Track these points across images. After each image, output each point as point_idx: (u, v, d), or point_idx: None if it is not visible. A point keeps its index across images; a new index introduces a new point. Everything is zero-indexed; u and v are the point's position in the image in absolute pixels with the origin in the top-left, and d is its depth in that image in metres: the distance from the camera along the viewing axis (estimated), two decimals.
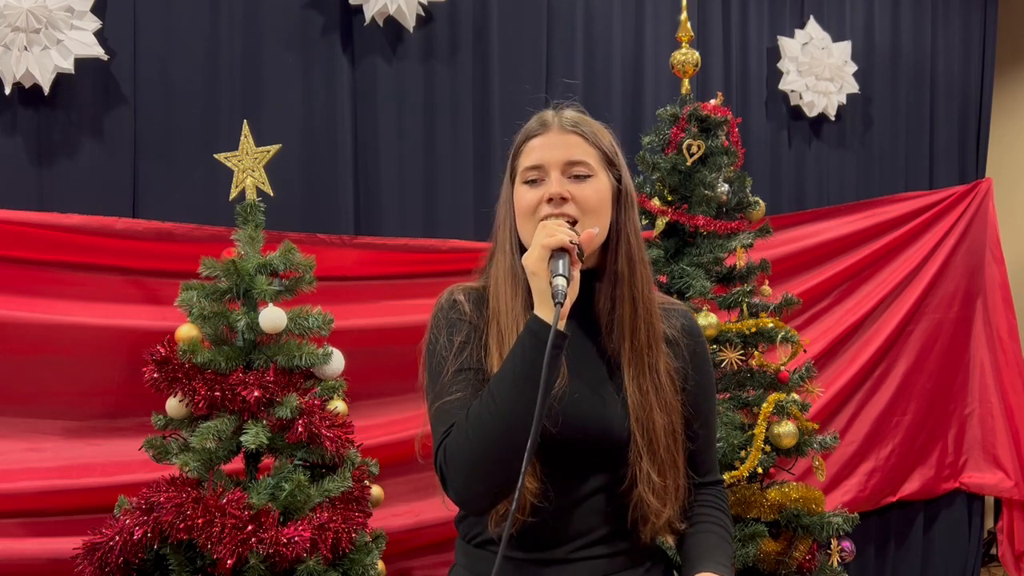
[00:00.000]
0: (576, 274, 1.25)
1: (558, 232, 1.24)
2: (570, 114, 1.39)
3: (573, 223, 1.31)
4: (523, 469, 1.15)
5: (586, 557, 1.34)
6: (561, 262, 1.22)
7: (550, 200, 1.31)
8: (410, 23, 2.84)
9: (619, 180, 1.38)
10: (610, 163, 1.38)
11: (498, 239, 1.42)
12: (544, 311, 1.22)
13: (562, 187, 1.31)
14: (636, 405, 1.32)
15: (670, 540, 1.39)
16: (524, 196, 1.34)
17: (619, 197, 1.38)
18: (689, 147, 2.67)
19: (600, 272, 1.38)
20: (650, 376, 1.34)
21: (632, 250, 1.37)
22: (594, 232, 1.30)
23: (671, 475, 1.34)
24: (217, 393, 2.06)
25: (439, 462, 1.28)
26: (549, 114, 1.39)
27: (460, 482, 1.26)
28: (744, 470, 2.48)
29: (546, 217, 1.30)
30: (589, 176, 1.34)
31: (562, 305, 1.19)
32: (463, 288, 1.42)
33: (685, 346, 1.42)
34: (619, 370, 1.35)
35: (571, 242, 1.23)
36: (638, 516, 1.34)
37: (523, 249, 1.34)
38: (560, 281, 1.20)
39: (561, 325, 1.21)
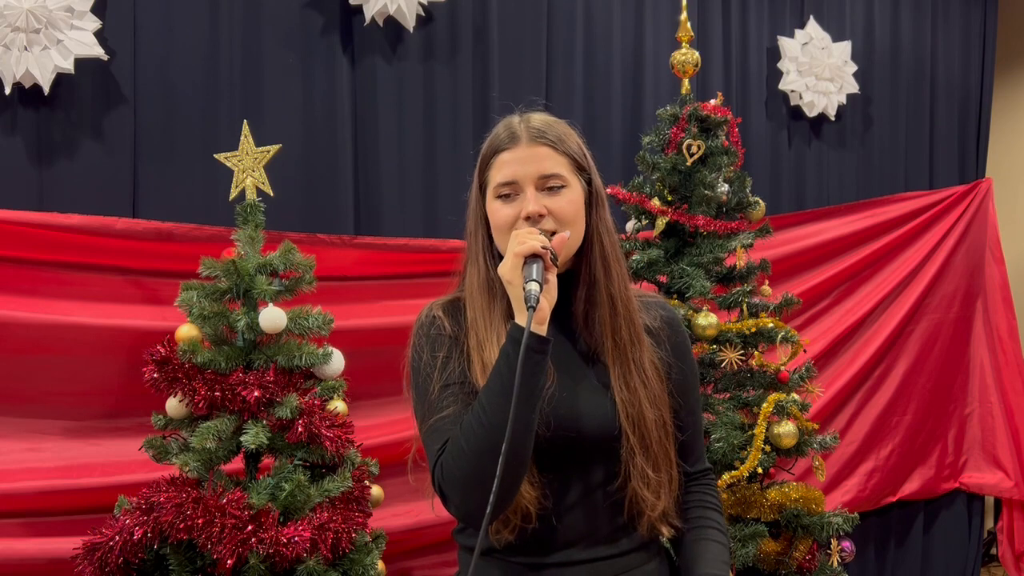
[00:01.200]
0: (552, 278, 1.26)
1: (529, 239, 1.25)
2: (537, 122, 1.38)
3: (552, 235, 1.31)
4: (498, 474, 1.14)
5: (589, 559, 1.34)
6: (535, 267, 1.23)
7: (528, 218, 1.31)
8: (410, 23, 2.84)
9: (589, 183, 1.39)
10: (580, 168, 1.38)
11: (470, 250, 1.42)
12: (523, 319, 1.23)
13: (538, 204, 1.32)
14: (625, 402, 1.33)
15: (666, 532, 1.39)
16: (500, 212, 1.35)
17: (590, 199, 1.38)
18: (689, 147, 2.67)
19: (575, 275, 1.38)
20: (636, 372, 1.35)
21: (606, 250, 1.38)
22: (565, 236, 1.30)
23: (664, 468, 1.35)
24: (217, 393, 2.06)
25: (436, 480, 1.28)
26: (515, 122, 1.39)
27: (459, 497, 1.26)
28: (744, 470, 2.48)
29: None
30: (563, 187, 1.34)
31: (535, 309, 1.19)
32: (441, 303, 1.42)
33: (667, 337, 1.43)
34: (603, 368, 1.36)
35: (543, 247, 1.24)
36: (634, 511, 1.34)
37: (501, 257, 1.35)
38: (532, 286, 1.21)
39: (543, 330, 1.21)
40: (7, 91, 2.37)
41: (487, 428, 1.21)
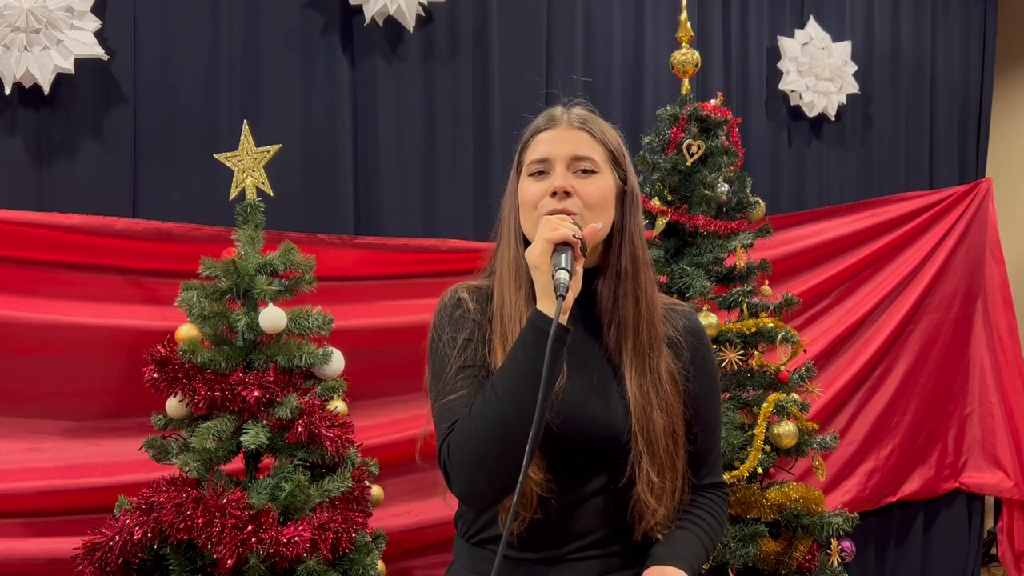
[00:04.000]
0: (579, 269, 1.25)
1: (561, 226, 1.24)
2: (579, 111, 1.40)
3: (573, 217, 1.30)
4: (525, 463, 1.14)
5: (586, 557, 1.34)
6: (564, 256, 1.22)
7: (554, 194, 1.31)
8: (410, 23, 2.84)
9: (624, 180, 1.39)
10: (616, 162, 1.38)
11: (503, 232, 1.41)
12: (546, 305, 1.22)
13: (566, 181, 1.31)
14: (637, 405, 1.32)
15: (660, 538, 1.38)
16: (528, 189, 1.35)
17: (624, 197, 1.38)
18: (689, 147, 2.67)
19: (602, 270, 1.38)
20: (651, 377, 1.34)
21: (636, 250, 1.38)
22: (598, 227, 1.30)
23: (669, 476, 1.33)
24: (217, 393, 2.06)
25: (443, 459, 1.28)
26: (558, 110, 1.40)
27: (464, 479, 1.26)
28: (744, 470, 2.48)
29: (550, 212, 1.30)
30: (594, 172, 1.34)
31: (563, 298, 1.18)
32: (467, 286, 1.42)
33: (688, 347, 1.41)
34: (619, 368, 1.35)
35: (574, 236, 1.23)
36: (635, 516, 1.34)
37: (527, 243, 1.34)
38: (562, 275, 1.20)
39: (564, 319, 1.20)
40: (7, 91, 2.37)
41: (498, 412, 1.21)
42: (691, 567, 1.31)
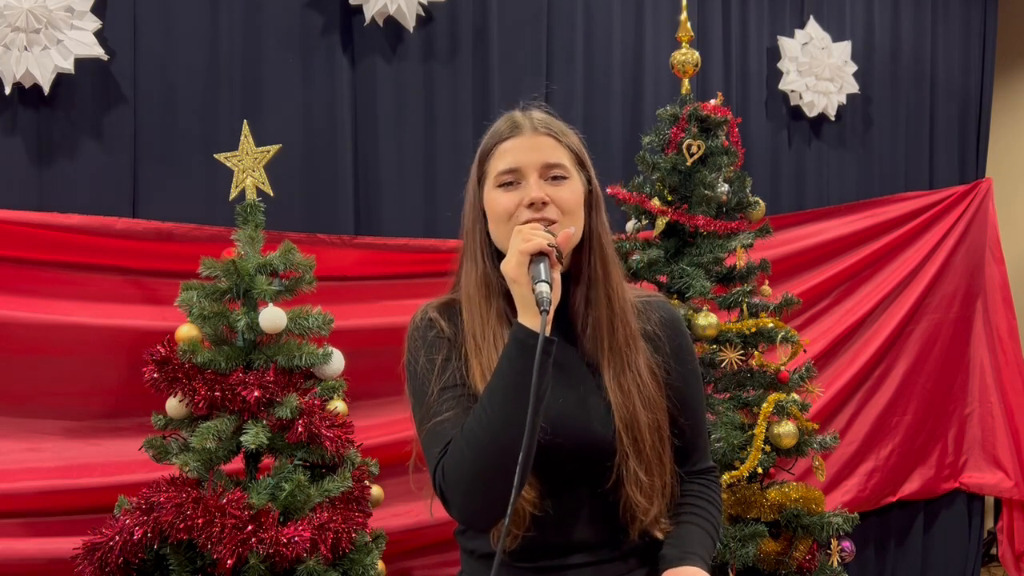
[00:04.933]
0: (557, 276, 1.23)
1: (534, 236, 1.22)
2: (540, 115, 1.37)
3: (550, 225, 1.29)
4: (517, 480, 1.13)
5: (584, 563, 1.33)
6: (542, 266, 1.20)
7: (531, 205, 1.29)
8: (410, 23, 2.84)
9: (589, 181, 1.38)
10: (581, 164, 1.37)
11: (467, 247, 1.39)
12: (528, 318, 1.21)
13: (542, 191, 1.30)
14: (619, 404, 1.30)
15: (659, 535, 1.37)
16: (499, 200, 1.32)
17: (589, 199, 1.37)
18: (689, 147, 2.67)
19: (574, 274, 1.36)
20: (630, 374, 1.33)
21: (605, 251, 1.36)
22: (571, 232, 1.28)
23: (657, 472, 1.32)
24: (217, 393, 2.06)
25: (438, 483, 1.27)
26: (518, 115, 1.38)
27: (461, 500, 1.24)
28: (744, 470, 2.48)
29: (525, 222, 1.28)
30: (565, 178, 1.32)
31: (548, 311, 1.16)
32: (436, 305, 1.40)
33: (666, 339, 1.39)
34: (598, 369, 1.33)
35: (549, 245, 1.22)
36: (627, 516, 1.32)
37: (498, 254, 1.33)
38: (544, 288, 1.18)
39: (547, 330, 1.18)
40: (7, 91, 2.37)
41: (489, 431, 1.20)
42: (704, 561, 1.31)
